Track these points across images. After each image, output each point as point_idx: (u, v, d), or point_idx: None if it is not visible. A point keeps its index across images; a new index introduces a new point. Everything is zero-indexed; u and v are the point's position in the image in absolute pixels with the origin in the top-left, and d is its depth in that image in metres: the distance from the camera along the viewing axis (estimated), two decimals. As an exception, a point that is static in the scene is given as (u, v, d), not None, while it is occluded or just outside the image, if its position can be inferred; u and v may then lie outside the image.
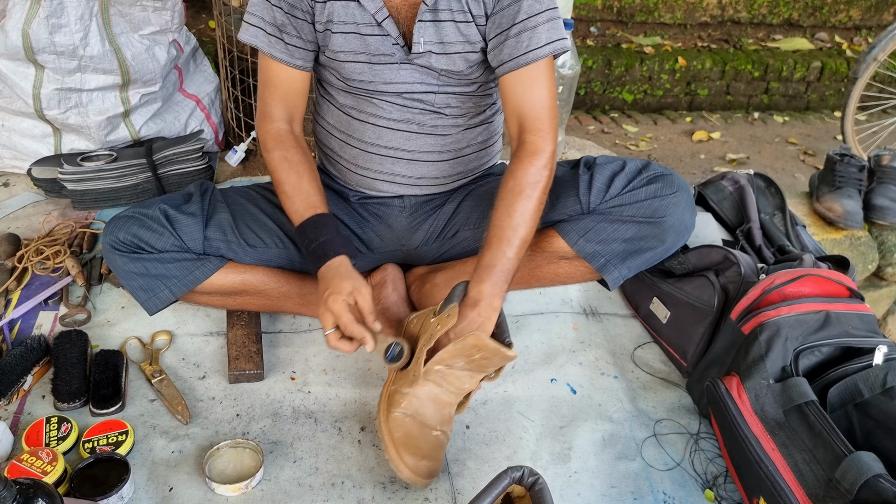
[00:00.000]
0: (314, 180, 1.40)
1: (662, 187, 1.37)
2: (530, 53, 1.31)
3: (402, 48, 1.35)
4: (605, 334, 1.64)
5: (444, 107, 1.43)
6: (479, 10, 1.33)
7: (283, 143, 1.41)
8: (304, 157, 1.41)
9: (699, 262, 1.53)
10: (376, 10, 1.32)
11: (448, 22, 1.33)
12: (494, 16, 1.33)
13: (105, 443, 1.25)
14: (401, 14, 1.34)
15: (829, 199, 2.22)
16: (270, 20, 1.36)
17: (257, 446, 1.26)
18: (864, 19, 4.44)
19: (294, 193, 1.37)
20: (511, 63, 1.32)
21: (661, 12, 4.10)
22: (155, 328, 1.52)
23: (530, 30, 1.31)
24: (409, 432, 1.22)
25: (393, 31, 1.34)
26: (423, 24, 1.33)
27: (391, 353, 1.27)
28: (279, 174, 1.39)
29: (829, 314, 1.32)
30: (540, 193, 1.31)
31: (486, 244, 1.29)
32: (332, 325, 1.25)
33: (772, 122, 4.00)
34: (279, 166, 1.39)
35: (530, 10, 1.31)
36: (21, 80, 1.84)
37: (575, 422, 1.41)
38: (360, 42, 1.35)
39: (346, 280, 1.27)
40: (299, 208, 1.36)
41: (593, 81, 3.83)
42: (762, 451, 1.22)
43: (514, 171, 1.33)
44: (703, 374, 1.44)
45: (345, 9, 1.34)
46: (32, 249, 1.68)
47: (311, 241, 1.33)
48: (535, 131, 1.34)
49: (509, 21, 1.31)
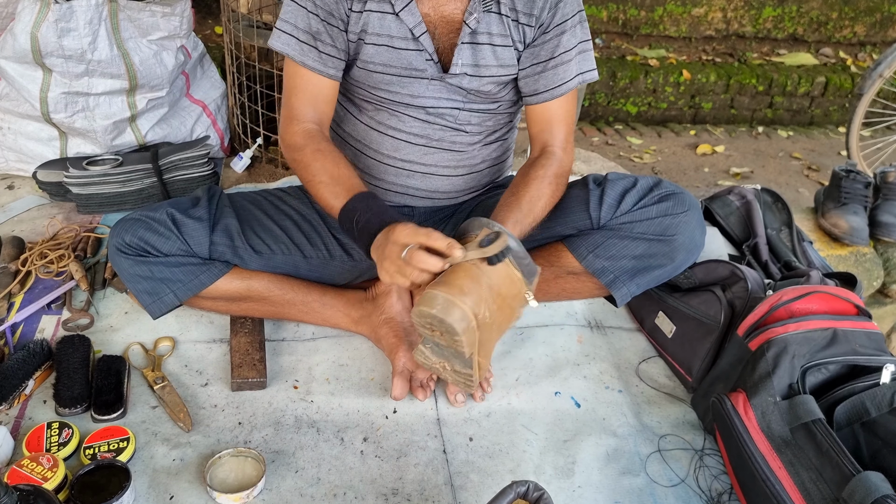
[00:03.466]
0: (350, 166, 1.32)
1: (674, 205, 1.37)
2: (564, 86, 1.39)
3: (436, 65, 1.36)
4: (609, 348, 1.64)
5: (465, 124, 1.45)
6: (520, 36, 1.37)
7: (314, 138, 1.35)
8: (336, 148, 1.35)
9: (706, 276, 1.53)
10: (415, 25, 1.33)
11: (486, 45, 1.35)
12: (534, 47, 1.37)
13: (106, 449, 1.24)
14: (437, 30, 1.35)
15: (834, 215, 2.22)
16: (305, 27, 1.34)
17: (259, 455, 1.25)
18: (868, 35, 4.45)
19: (332, 181, 1.29)
20: (546, 94, 1.39)
21: (666, 25, 4.11)
22: (158, 334, 1.52)
23: (565, 63, 1.37)
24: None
25: (429, 46, 1.34)
26: (462, 46, 1.34)
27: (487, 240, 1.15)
28: (314, 165, 1.31)
29: (836, 332, 1.31)
30: (558, 189, 1.39)
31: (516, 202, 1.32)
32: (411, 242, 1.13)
33: (776, 136, 4.01)
34: (313, 157, 1.31)
35: (567, 44, 1.37)
36: (28, 83, 1.84)
37: (579, 436, 1.40)
38: (393, 55, 1.35)
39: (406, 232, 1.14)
40: (340, 191, 1.27)
41: (598, 93, 3.83)
42: (768, 469, 1.21)
43: (544, 164, 1.39)
44: (709, 389, 1.43)
45: (381, 20, 1.34)
46: (36, 253, 1.67)
47: (363, 212, 1.22)
48: (558, 146, 1.42)
49: (548, 54, 1.37)
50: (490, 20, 1.34)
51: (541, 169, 1.37)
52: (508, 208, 1.31)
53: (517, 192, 1.34)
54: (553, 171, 1.38)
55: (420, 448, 1.34)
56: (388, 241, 1.15)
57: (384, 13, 1.33)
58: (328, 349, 1.54)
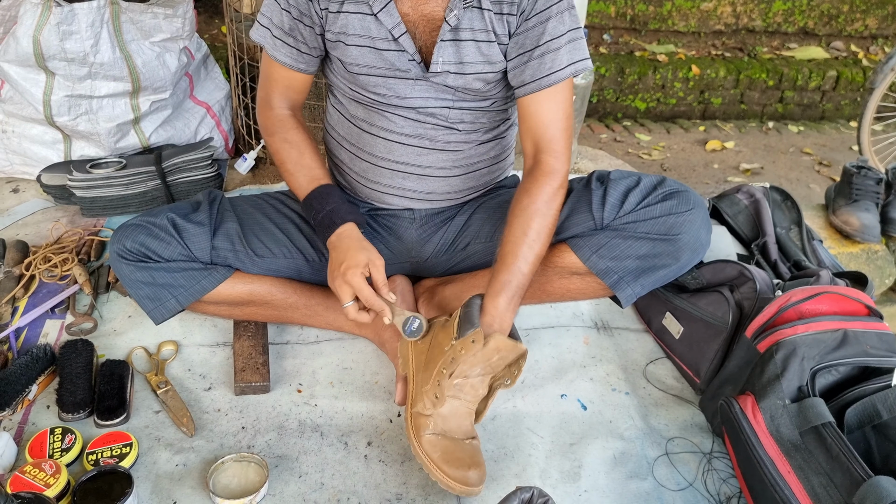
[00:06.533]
0: (315, 155, 1.43)
1: (678, 204, 1.34)
2: (552, 76, 1.32)
3: (419, 65, 1.34)
4: (616, 349, 1.62)
5: (457, 122, 1.42)
6: (503, 29, 1.32)
7: (284, 126, 1.45)
8: (305, 136, 1.45)
9: (713, 277, 1.51)
10: (393, 26, 1.31)
11: (469, 42, 1.32)
12: (518, 36, 1.32)
13: (109, 455, 1.23)
14: (418, 29, 1.32)
15: (845, 213, 2.19)
16: (279, 24, 1.38)
17: (262, 460, 1.25)
18: (880, 28, 4.39)
19: (296, 169, 1.41)
20: (533, 84, 1.33)
21: (675, 20, 4.08)
22: (161, 338, 1.51)
23: (553, 52, 1.31)
24: (445, 448, 1.22)
25: (409, 47, 1.32)
26: (443, 43, 1.32)
27: (409, 328, 1.31)
28: (281, 154, 1.43)
29: (846, 333, 1.29)
30: (555, 212, 1.35)
31: (501, 260, 1.30)
32: (350, 297, 1.29)
33: (786, 131, 3.97)
34: (280, 147, 1.43)
35: (554, 32, 1.31)
36: (32, 86, 1.84)
37: (585, 439, 1.38)
38: (376, 56, 1.34)
39: (360, 252, 1.30)
40: (303, 182, 1.40)
41: (606, 89, 3.80)
42: (777, 474, 1.19)
43: (530, 189, 1.34)
44: (717, 392, 1.41)
45: (361, 21, 1.32)
46: (40, 257, 1.67)
47: (318, 211, 1.36)
48: (550, 152, 1.35)
49: (533, 42, 1.31)
50: (472, 16, 1.31)
51: (526, 198, 1.33)
52: (498, 268, 1.30)
53: (505, 242, 1.31)
54: (544, 199, 1.33)
55: (424, 452, 1.33)
56: (339, 266, 1.30)
57: (364, 14, 1.32)
58: (332, 352, 1.53)
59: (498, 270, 1.29)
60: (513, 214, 1.33)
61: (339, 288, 1.29)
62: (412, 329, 1.31)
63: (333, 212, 1.35)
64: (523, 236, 1.30)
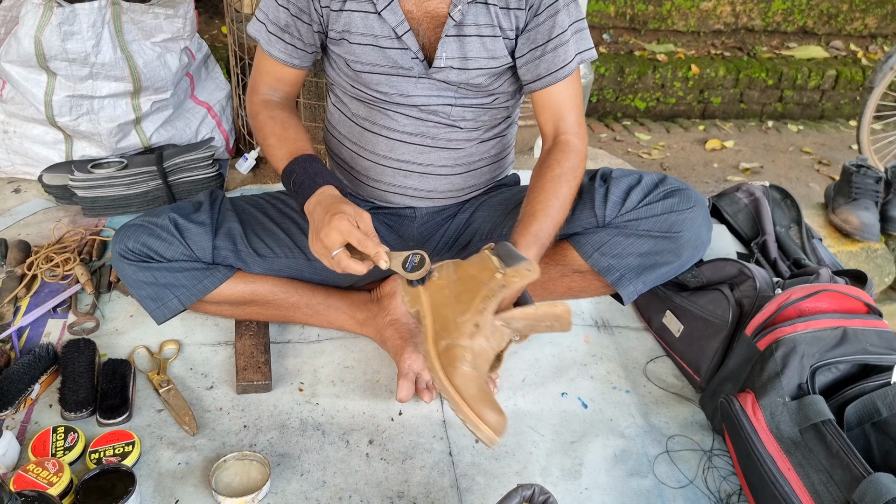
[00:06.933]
0: (300, 129, 1.38)
1: (679, 202, 1.35)
2: (566, 67, 1.35)
3: (422, 62, 1.35)
4: (616, 347, 1.62)
5: (459, 120, 1.42)
6: (510, 24, 1.33)
7: (269, 106, 1.42)
8: (291, 114, 1.41)
9: (713, 275, 1.51)
10: (397, 24, 1.31)
11: (473, 37, 1.33)
12: (529, 31, 1.34)
13: (111, 453, 1.24)
14: (422, 27, 1.33)
15: (845, 211, 2.19)
16: (274, 19, 1.38)
17: (264, 459, 1.25)
18: (880, 27, 4.40)
19: (279, 143, 1.35)
20: (549, 78, 1.35)
21: (675, 20, 4.08)
22: (163, 337, 1.52)
23: (564, 44, 1.34)
24: (481, 387, 1.11)
25: (413, 44, 1.33)
26: (447, 39, 1.32)
27: (410, 263, 1.19)
28: (265, 130, 1.38)
29: (846, 330, 1.30)
30: (576, 185, 1.36)
31: (532, 215, 1.29)
32: (339, 244, 1.17)
33: (786, 130, 3.97)
34: (265, 124, 1.39)
35: (563, 24, 1.33)
36: (33, 86, 1.84)
37: (586, 437, 1.39)
38: (379, 54, 1.34)
39: (345, 203, 1.20)
40: (284, 155, 1.32)
41: (606, 89, 3.81)
42: (777, 471, 1.19)
43: (559, 158, 1.36)
44: (717, 389, 1.42)
45: (364, 20, 1.33)
46: (42, 256, 1.68)
47: (298, 174, 1.27)
48: (571, 132, 1.39)
49: (545, 36, 1.33)
50: (477, 11, 1.31)
51: (557, 167, 1.34)
52: (528, 221, 1.29)
53: (534, 201, 1.31)
54: (570, 166, 1.35)
55: (426, 450, 1.33)
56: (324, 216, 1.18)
57: (367, 13, 1.32)
58: (333, 351, 1.53)
59: (530, 224, 1.27)
60: (543, 179, 1.33)
61: (327, 236, 1.16)
62: (414, 264, 1.18)
63: (316, 174, 1.27)
64: (555, 199, 1.31)
